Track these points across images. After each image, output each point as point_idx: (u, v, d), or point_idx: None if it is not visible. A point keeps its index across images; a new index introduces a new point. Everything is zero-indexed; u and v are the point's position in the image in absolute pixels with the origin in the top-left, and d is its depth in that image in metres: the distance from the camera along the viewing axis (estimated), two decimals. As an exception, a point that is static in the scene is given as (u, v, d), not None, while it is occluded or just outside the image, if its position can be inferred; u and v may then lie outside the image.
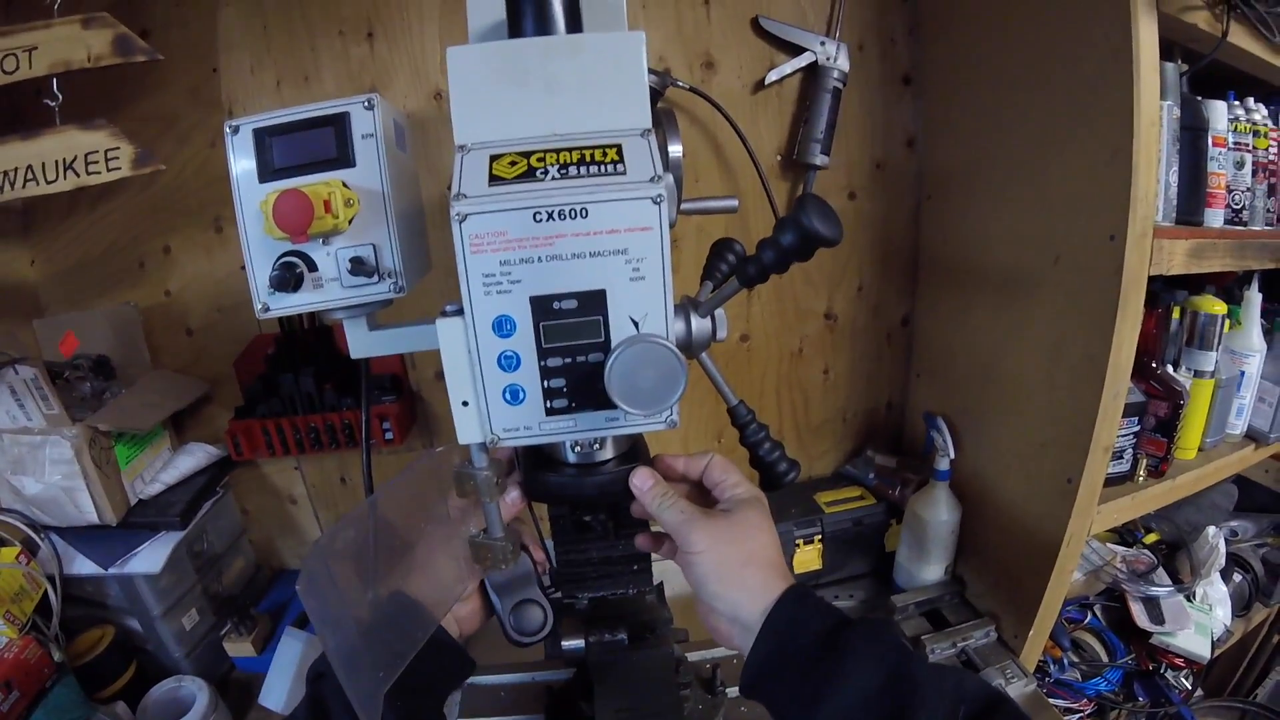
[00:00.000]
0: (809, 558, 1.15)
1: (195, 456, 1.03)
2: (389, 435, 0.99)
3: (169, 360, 1.07)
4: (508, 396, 0.48)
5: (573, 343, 0.46)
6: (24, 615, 0.87)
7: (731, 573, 0.52)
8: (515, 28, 0.52)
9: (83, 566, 0.93)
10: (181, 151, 1.00)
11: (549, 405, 0.48)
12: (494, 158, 0.46)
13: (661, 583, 0.76)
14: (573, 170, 0.45)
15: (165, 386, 1.02)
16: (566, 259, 0.44)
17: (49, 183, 0.81)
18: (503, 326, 0.46)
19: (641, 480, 0.54)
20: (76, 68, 0.81)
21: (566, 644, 0.68)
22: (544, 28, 0.51)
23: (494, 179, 0.45)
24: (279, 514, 1.17)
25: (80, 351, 1.00)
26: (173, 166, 0.98)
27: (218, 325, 1.06)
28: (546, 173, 0.45)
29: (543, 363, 0.47)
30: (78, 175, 0.82)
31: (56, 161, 0.81)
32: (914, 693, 0.45)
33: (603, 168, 0.45)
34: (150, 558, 0.94)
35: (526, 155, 0.46)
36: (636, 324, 0.46)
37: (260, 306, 0.55)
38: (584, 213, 0.44)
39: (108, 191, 0.89)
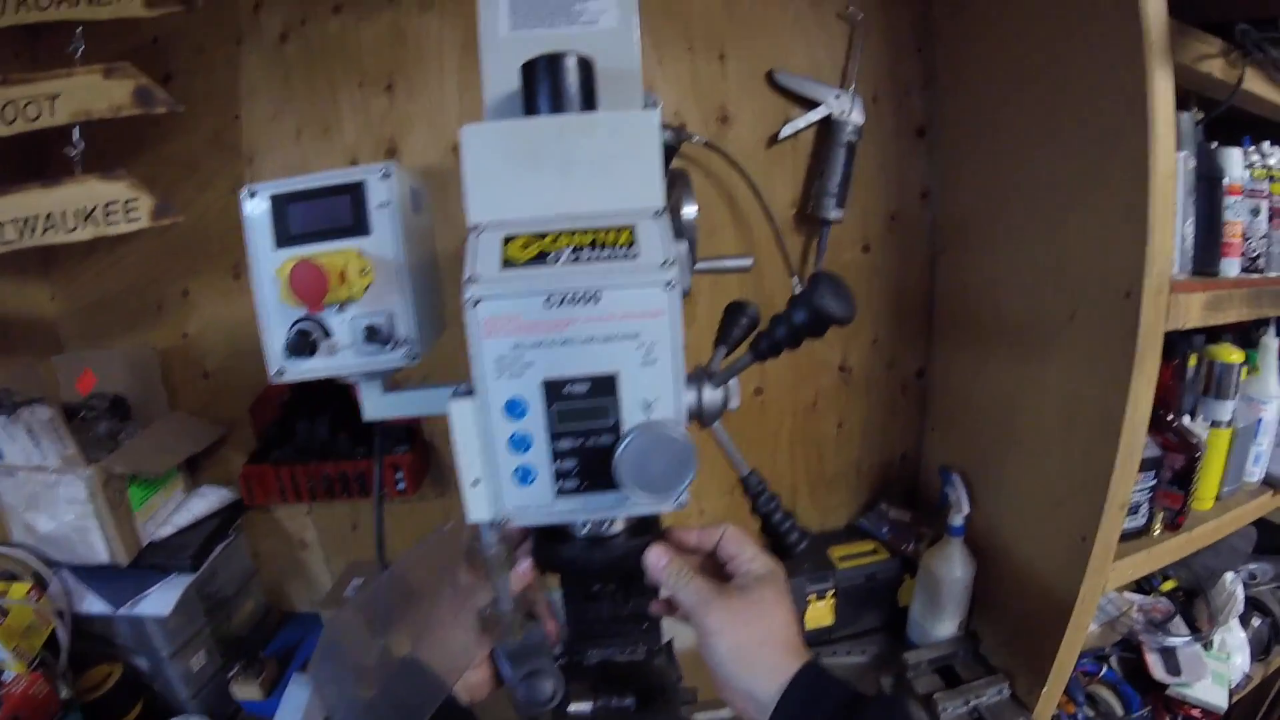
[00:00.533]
0: (821, 613, 1.13)
1: (208, 499, 1.02)
2: (401, 485, 0.99)
3: (185, 402, 1.08)
4: (518, 477, 0.47)
5: (584, 426, 0.45)
6: (33, 650, 0.87)
7: (747, 654, 0.51)
8: (530, 104, 0.52)
9: (93, 605, 0.93)
10: (202, 197, 1.00)
11: (560, 486, 0.47)
12: (507, 240, 0.46)
13: (671, 640, 0.74)
14: (585, 254, 0.44)
15: (180, 430, 1.02)
16: (579, 343, 0.44)
17: (69, 231, 0.82)
18: (515, 409, 0.45)
19: (655, 558, 0.53)
20: (97, 117, 0.82)
21: (573, 708, 0.67)
22: (559, 105, 0.51)
23: (507, 262, 0.45)
24: (290, 558, 1.17)
25: (97, 390, 1.00)
26: (193, 211, 0.99)
27: (234, 369, 1.06)
28: (559, 256, 0.44)
29: (554, 445, 0.46)
30: (97, 225, 0.82)
31: (76, 210, 0.82)
32: None
33: (615, 251, 0.44)
34: (160, 600, 0.93)
35: (540, 237, 0.46)
36: (649, 407, 0.45)
37: (276, 370, 0.55)
38: (596, 298, 0.43)
39: (125, 234, 0.90)
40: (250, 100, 0.99)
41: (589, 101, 0.52)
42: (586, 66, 0.52)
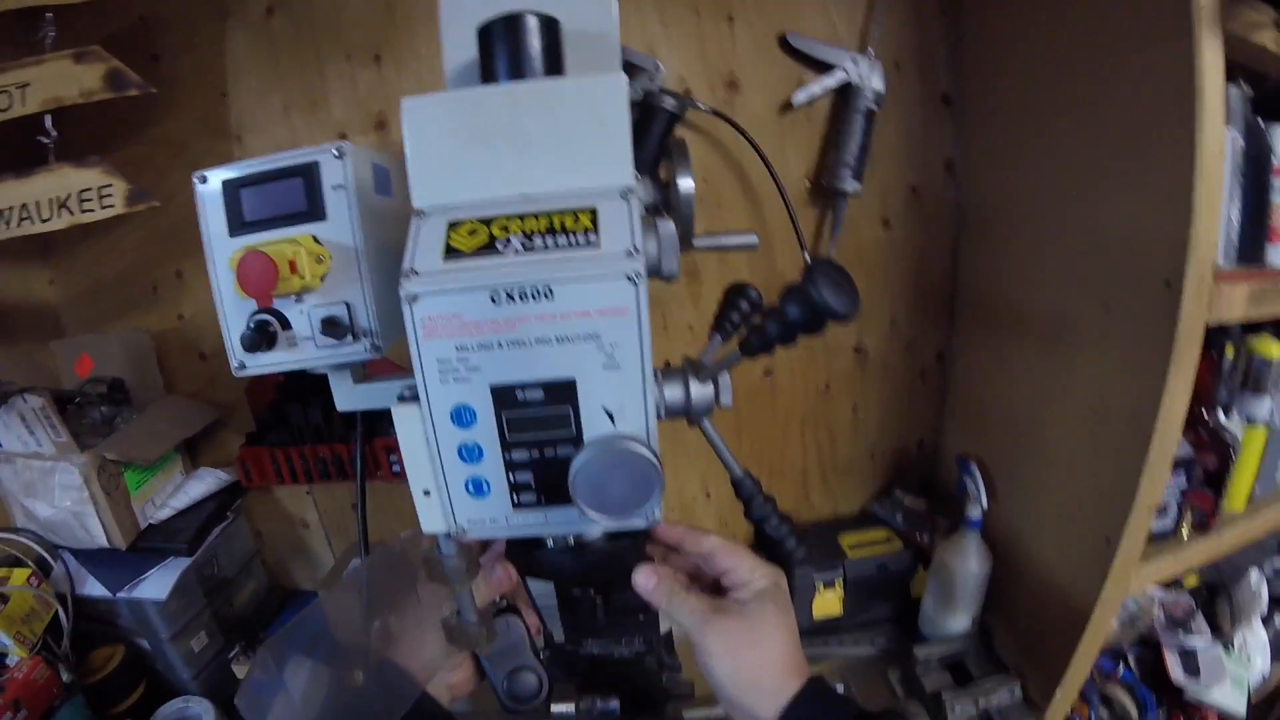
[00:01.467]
0: (829, 603, 1.06)
1: (205, 482, 0.99)
2: (396, 468, 0.94)
3: (183, 384, 1.04)
4: (471, 489, 0.41)
5: (540, 435, 0.39)
6: (34, 635, 0.85)
7: (747, 677, 0.47)
8: (487, 71, 0.45)
9: (94, 588, 0.91)
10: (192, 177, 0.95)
11: (516, 500, 0.41)
12: (452, 225, 0.39)
13: (670, 631, 0.69)
14: (538, 241, 0.38)
15: (175, 414, 0.98)
16: (530, 345, 0.37)
17: (44, 221, 0.78)
18: (462, 417, 0.39)
19: (644, 580, 0.49)
20: (69, 104, 0.77)
21: (556, 709, 0.62)
22: (517, 71, 0.43)
23: (450, 251, 0.38)
24: (292, 538, 1.13)
25: (95, 374, 0.97)
26: (184, 192, 0.91)
27: (229, 351, 1.02)
28: (509, 244, 0.38)
29: (507, 456, 0.40)
30: (71, 213, 0.78)
31: (51, 200, 0.78)
32: None
33: (572, 238, 0.37)
34: (158, 584, 0.90)
35: (488, 222, 0.39)
36: (611, 417, 0.38)
37: (236, 364, 0.50)
38: (549, 293, 0.36)
39: (121, 217, 0.86)
40: (237, 78, 0.93)
41: (555, 68, 0.45)
42: (550, 26, 0.44)
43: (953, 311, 1.11)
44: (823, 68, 0.94)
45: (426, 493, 0.42)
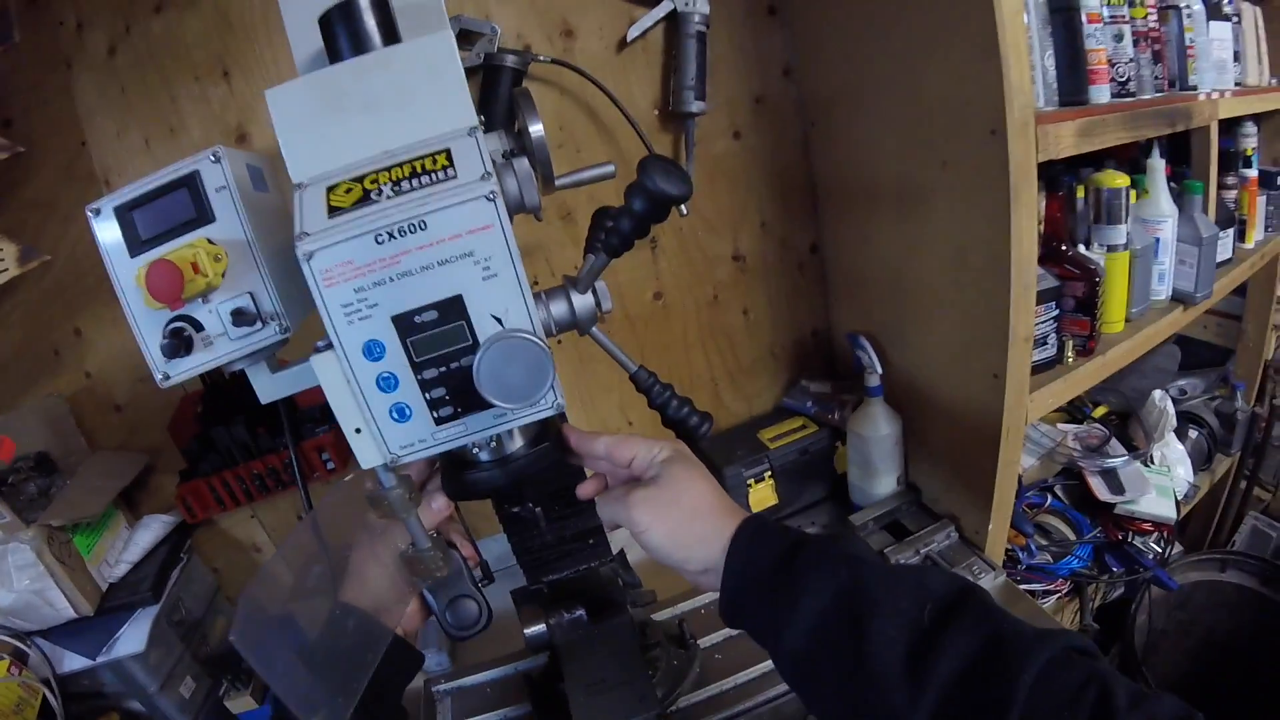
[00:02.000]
0: (764, 495, 1.18)
1: (152, 529, 1.03)
2: (330, 465, 1.00)
3: (105, 440, 1.07)
4: (395, 415, 0.49)
5: (443, 351, 0.47)
6: (29, 724, 0.88)
7: (683, 532, 0.54)
8: (333, 55, 0.52)
9: (73, 662, 0.94)
10: (69, 232, 0.98)
11: (436, 415, 0.49)
12: (329, 189, 0.47)
13: (623, 550, 0.78)
14: (405, 185, 0.46)
15: (107, 468, 1.02)
16: (416, 273, 0.45)
17: None
18: (372, 351, 0.47)
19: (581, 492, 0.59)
20: None
21: (529, 631, 0.71)
22: (359, 49, 0.51)
23: (333, 210, 0.46)
24: (248, 565, 1.18)
25: (19, 453, 0.99)
26: (63, 248, 0.97)
27: (143, 396, 1.06)
28: (381, 193, 0.46)
29: (419, 376, 0.48)
30: None
31: None
32: (866, 604, 0.47)
33: (433, 176, 0.46)
34: (133, 637, 0.95)
35: (360, 180, 0.47)
36: (500, 320, 0.47)
37: (160, 377, 0.56)
38: (423, 225, 0.45)
39: (4, 290, 0.89)
40: (91, 122, 0.96)
41: (392, 40, 0.52)
42: (382, 5, 0.52)
43: (815, 203, 1.24)
44: (650, 1, 1.04)
45: (358, 430, 0.50)
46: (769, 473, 1.17)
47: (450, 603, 0.61)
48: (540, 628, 0.70)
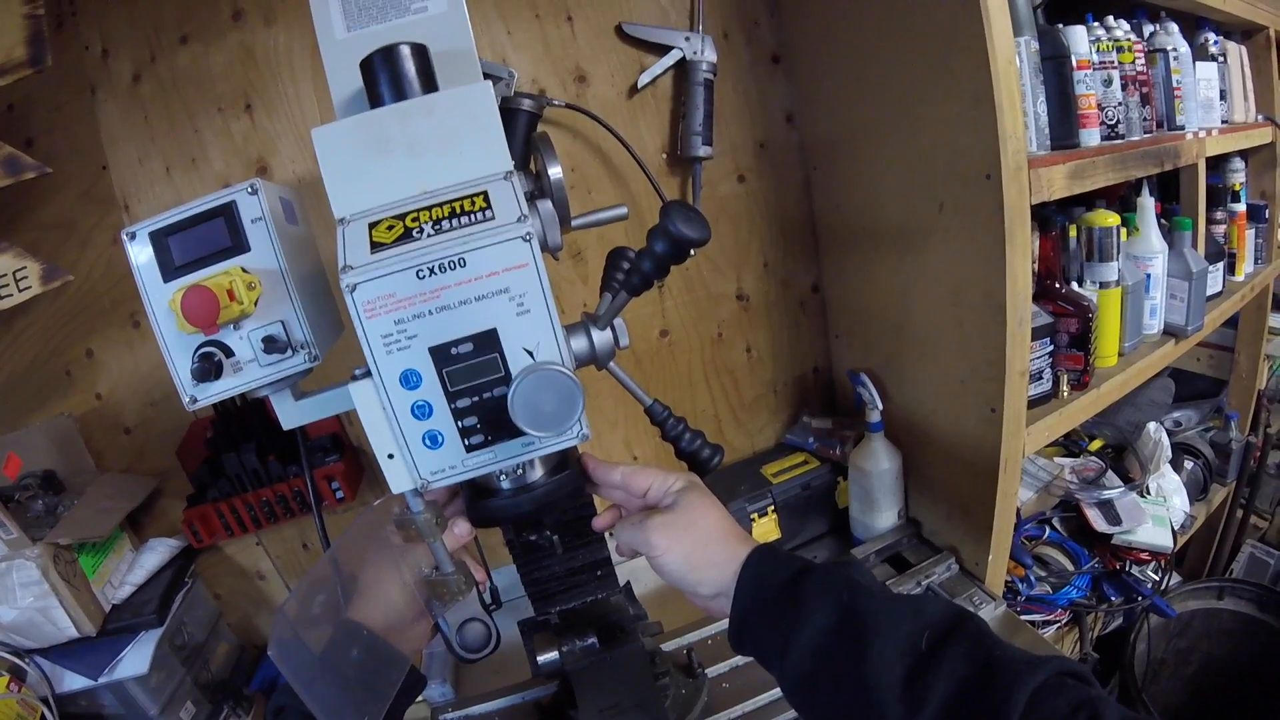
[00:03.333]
0: (767, 529, 1.21)
1: (158, 552, 1.05)
2: (340, 494, 1.03)
3: (112, 462, 1.09)
4: (428, 442, 0.52)
5: (476, 382, 0.51)
6: (26, 743, 0.89)
7: (697, 556, 0.58)
8: (374, 98, 0.56)
9: (73, 682, 0.95)
10: (86, 254, 1.01)
11: (467, 443, 0.52)
12: (372, 225, 0.51)
13: (629, 583, 0.81)
14: (446, 224, 0.49)
15: (115, 490, 1.03)
16: (455, 307, 0.49)
17: None
18: (409, 380, 0.50)
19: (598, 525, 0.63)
20: None
21: (542, 658, 0.73)
22: (400, 93, 0.55)
23: (375, 245, 0.49)
24: (250, 592, 1.20)
25: (25, 470, 1.01)
26: (79, 270, 1.00)
27: (153, 419, 1.08)
28: (422, 231, 0.49)
29: (453, 405, 0.51)
30: None
31: None
32: (867, 627, 0.50)
33: (473, 216, 0.49)
34: (136, 659, 0.96)
35: (401, 217, 0.50)
36: (532, 354, 0.50)
37: (188, 399, 0.59)
38: (462, 262, 0.48)
39: (20, 309, 0.91)
40: (114, 148, 1.00)
41: (430, 85, 0.57)
42: (421, 52, 0.56)
43: (816, 244, 1.30)
44: (660, 49, 1.11)
45: (390, 456, 0.53)
46: (772, 507, 1.20)
47: (461, 626, 0.63)
48: (553, 654, 0.72)
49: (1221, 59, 1.41)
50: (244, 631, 1.20)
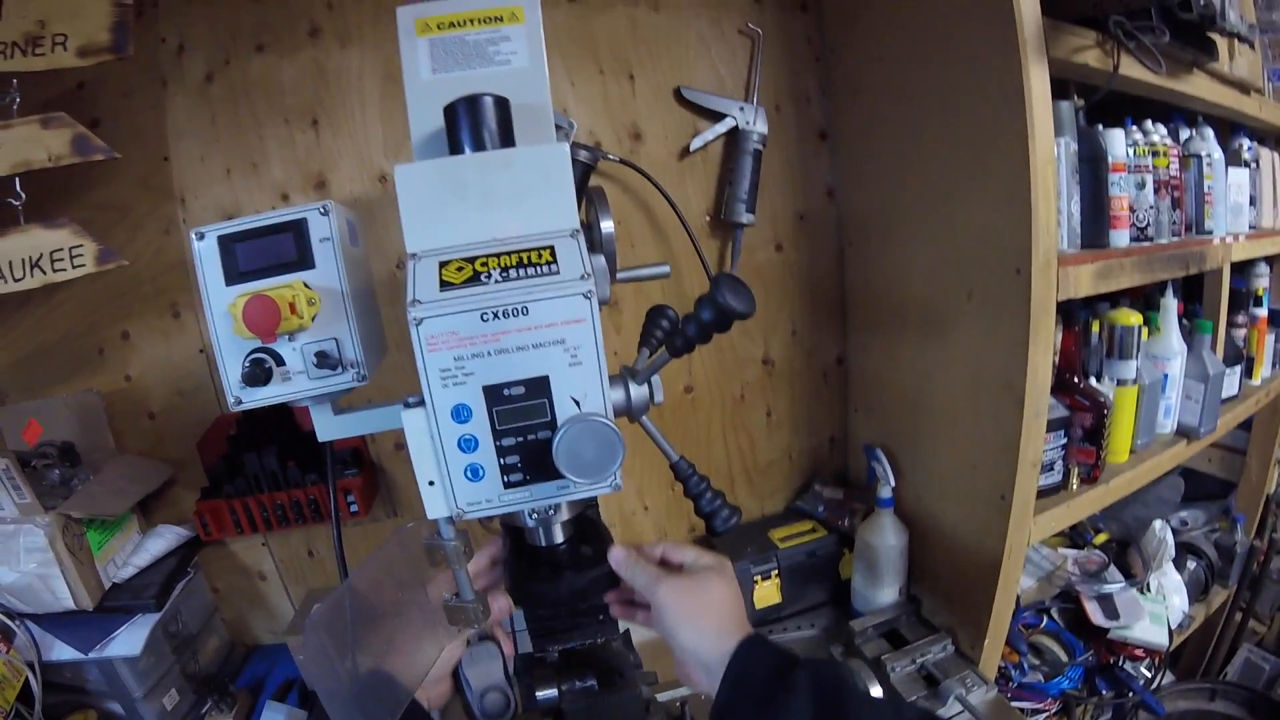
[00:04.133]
0: (768, 592, 1.23)
1: (165, 538, 1.07)
2: (354, 508, 1.06)
3: (132, 444, 1.12)
4: (469, 474, 0.55)
5: (523, 423, 0.54)
6: (7, 704, 0.90)
7: (694, 620, 0.62)
8: (454, 142, 0.60)
9: (61, 652, 0.97)
10: (135, 240, 1.05)
11: (506, 480, 0.55)
12: (443, 264, 0.54)
13: (628, 630, 0.83)
14: (513, 273, 0.53)
15: (132, 472, 1.06)
16: (512, 351, 0.52)
17: (16, 280, 0.87)
18: (460, 414, 0.53)
19: (617, 555, 0.65)
20: (37, 167, 0.87)
21: (541, 694, 0.75)
22: (479, 141, 0.59)
23: (444, 284, 0.53)
24: (249, 591, 1.22)
25: (44, 439, 1.04)
26: (127, 254, 1.02)
27: (178, 408, 1.11)
28: (490, 276, 0.53)
29: (498, 443, 0.54)
30: (44, 273, 0.87)
31: (23, 260, 0.87)
32: None
33: (539, 269, 0.53)
34: (129, 640, 0.98)
35: (471, 260, 0.54)
36: (578, 403, 0.54)
37: (233, 400, 0.62)
38: (525, 310, 0.52)
39: (62, 282, 0.95)
40: (178, 142, 1.05)
41: (506, 135, 0.61)
42: (503, 105, 0.61)
43: (845, 317, 1.35)
44: (714, 115, 1.17)
45: (431, 483, 0.56)
46: (776, 571, 1.23)
47: (484, 692, 0.67)
48: (552, 691, 0.74)
49: (1254, 165, 1.46)
50: (236, 628, 1.22)
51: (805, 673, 0.57)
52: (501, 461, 0.55)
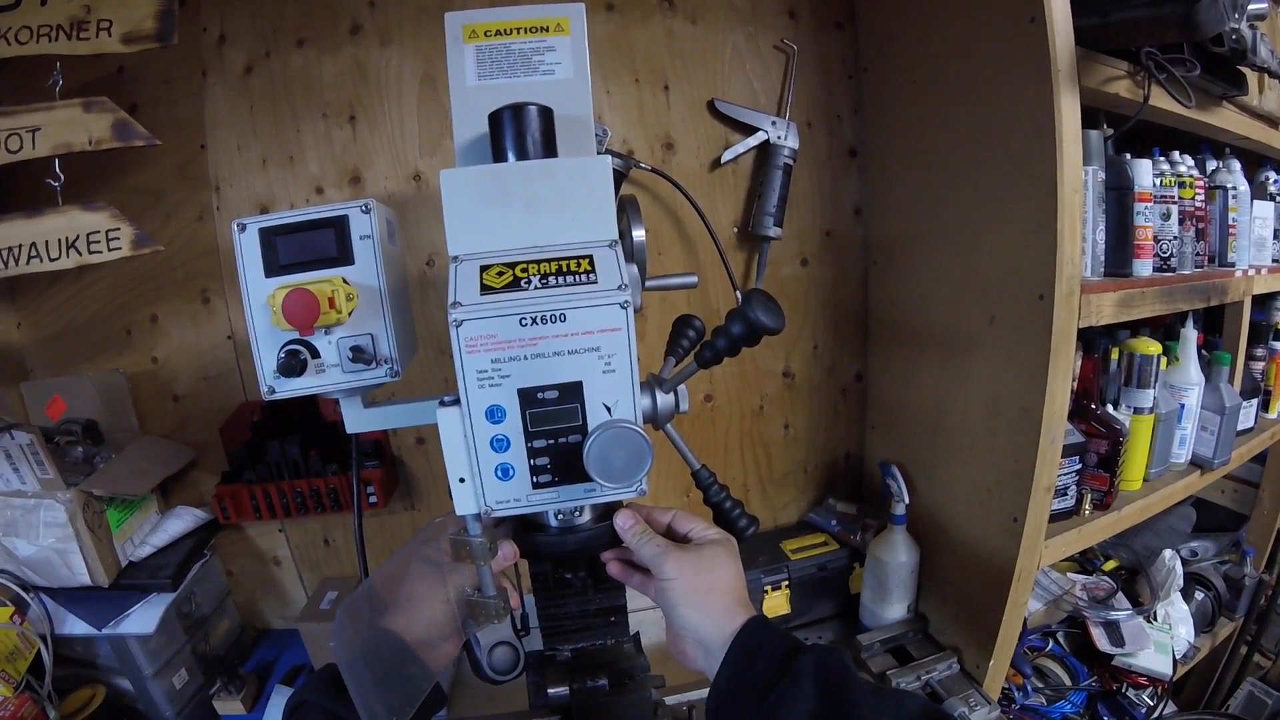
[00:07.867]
0: (778, 603, 1.25)
1: (183, 520, 1.10)
2: (373, 499, 1.08)
3: (155, 426, 1.15)
4: (499, 474, 0.57)
5: (555, 426, 0.56)
6: (18, 674, 0.94)
7: (698, 598, 0.61)
8: (498, 148, 0.62)
9: (74, 626, 1.00)
10: (169, 225, 1.08)
11: (535, 480, 0.57)
12: (484, 269, 0.56)
13: (638, 633, 0.85)
14: (552, 280, 0.55)
15: (154, 453, 1.09)
16: (548, 356, 0.54)
17: (52, 260, 0.89)
18: (494, 414, 0.56)
19: (623, 520, 0.64)
20: (78, 150, 0.89)
21: (552, 691, 0.77)
22: (522, 148, 0.62)
23: (485, 288, 0.55)
24: (263, 576, 1.25)
25: (67, 416, 1.07)
26: (160, 239, 1.06)
27: (203, 393, 1.14)
28: (530, 282, 0.55)
29: (529, 444, 0.56)
30: (79, 254, 0.90)
31: (60, 240, 0.90)
32: (852, 713, 0.54)
33: (577, 277, 0.55)
34: (143, 619, 1.01)
35: (512, 266, 0.56)
36: (609, 409, 0.56)
37: (267, 389, 0.64)
38: (563, 317, 0.54)
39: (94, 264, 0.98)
40: (215, 131, 1.08)
41: (549, 144, 0.63)
42: (546, 114, 0.63)
43: (866, 335, 1.36)
44: (746, 129, 1.19)
45: (461, 480, 0.58)
46: (786, 582, 1.24)
47: (493, 647, 0.68)
48: (564, 689, 0.76)
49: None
50: (248, 612, 1.25)
51: (809, 659, 0.57)
52: (532, 463, 0.57)
